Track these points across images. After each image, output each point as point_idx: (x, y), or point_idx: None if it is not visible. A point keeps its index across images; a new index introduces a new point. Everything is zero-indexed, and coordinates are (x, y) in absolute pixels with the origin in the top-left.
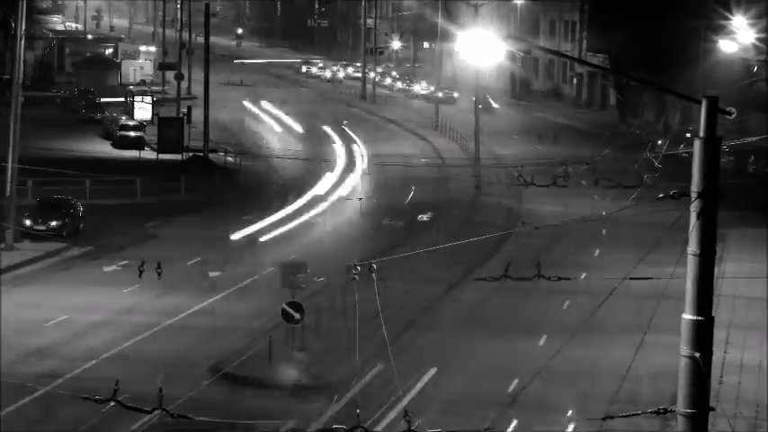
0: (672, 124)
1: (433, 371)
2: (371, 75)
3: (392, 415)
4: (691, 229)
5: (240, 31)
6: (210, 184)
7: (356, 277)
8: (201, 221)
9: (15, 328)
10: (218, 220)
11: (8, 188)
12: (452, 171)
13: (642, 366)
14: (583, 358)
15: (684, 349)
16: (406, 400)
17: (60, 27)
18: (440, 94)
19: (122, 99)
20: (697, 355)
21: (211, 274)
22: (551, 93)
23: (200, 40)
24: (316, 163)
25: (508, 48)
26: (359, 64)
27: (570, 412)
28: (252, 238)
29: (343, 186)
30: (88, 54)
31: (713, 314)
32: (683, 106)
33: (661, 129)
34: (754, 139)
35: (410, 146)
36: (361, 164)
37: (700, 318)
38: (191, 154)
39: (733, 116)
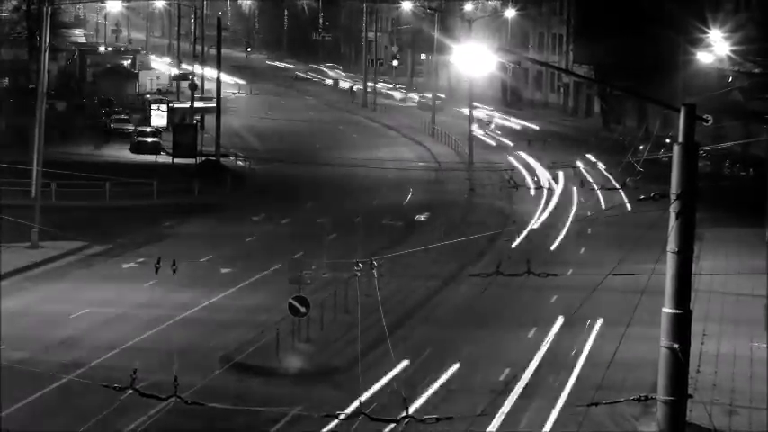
0: (652, 130)
1: (429, 360)
2: (372, 84)
3: (391, 401)
4: (670, 228)
5: (249, 49)
6: (222, 187)
7: (358, 273)
8: (214, 221)
9: (41, 320)
10: (229, 220)
11: (33, 190)
12: (448, 174)
13: (625, 356)
14: (569, 348)
15: (664, 340)
16: (403, 387)
17: (82, 40)
18: (415, 97)
19: (140, 107)
20: (676, 345)
21: (223, 270)
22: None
23: (213, 51)
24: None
25: (499, 59)
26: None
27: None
28: None
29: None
30: (108, 65)
31: (691, 308)
32: (663, 114)
33: (642, 135)
34: (729, 144)
35: (408, 151)
36: None
37: (678, 311)
38: (203, 158)
39: (709, 123)
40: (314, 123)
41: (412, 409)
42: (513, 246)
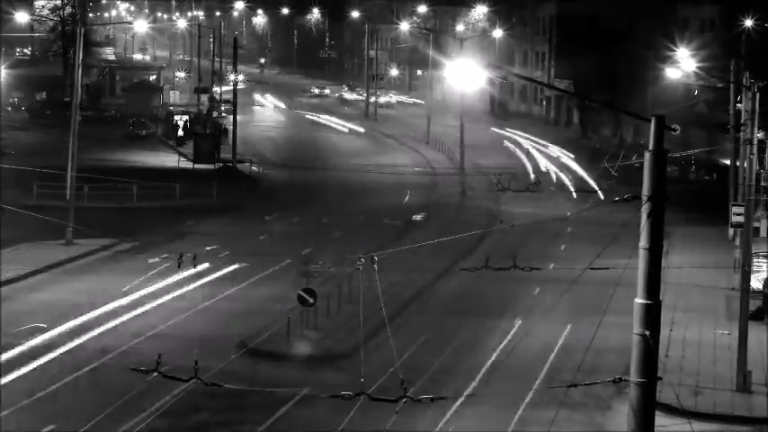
0: (626, 139)
1: (425, 345)
2: (372, 97)
3: (390, 383)
4: (642, 227)
5: (263, 60)
6: (238, 190)
7: (360, 268)
8: (230, 221)
9: (75, 309)
10: (243, 219)
11: (68, 193)
12: (441, 178)
13: (601, 342)
14: (551, 336)
15: (636, 328)
16: (402, 370)
17: (112, 57)
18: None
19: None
20: (647, 333)
21: (238, 264)
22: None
23: (230, 68)
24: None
25: (488, 75)
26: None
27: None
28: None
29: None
30: (135, 80)
31: (661, 298)
32: (635, 124)
33: (617, 143)
34: (695, 151)
35: (406, 157)
36: None
37: (649, 301)
38: (222, 164)
39: (677, 132)
40: (321, 132)
41: (409, 390)
42: None
